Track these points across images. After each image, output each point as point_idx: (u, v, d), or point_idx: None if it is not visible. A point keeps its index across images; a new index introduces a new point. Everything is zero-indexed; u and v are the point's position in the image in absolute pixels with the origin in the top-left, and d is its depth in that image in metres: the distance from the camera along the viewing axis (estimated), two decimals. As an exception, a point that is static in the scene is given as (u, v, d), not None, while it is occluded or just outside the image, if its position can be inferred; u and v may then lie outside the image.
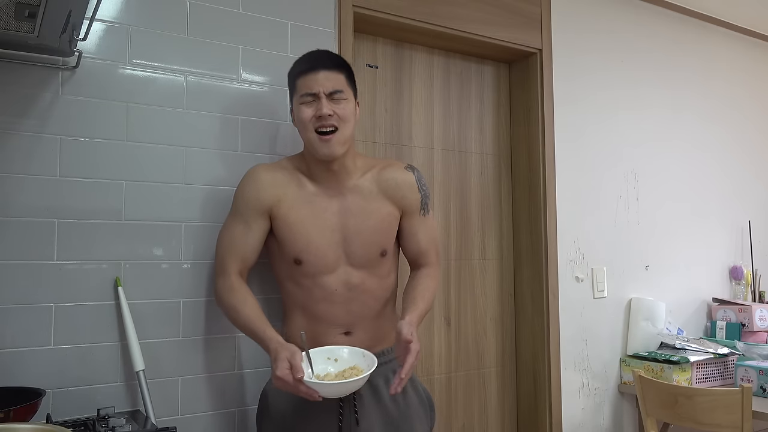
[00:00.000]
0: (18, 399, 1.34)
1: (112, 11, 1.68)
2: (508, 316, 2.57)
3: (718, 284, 3.08)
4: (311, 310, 1.64)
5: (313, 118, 1.58)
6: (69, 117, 1.61)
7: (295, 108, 1.62)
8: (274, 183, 1.63)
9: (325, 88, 1.58)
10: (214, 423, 1.76)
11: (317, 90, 1.58)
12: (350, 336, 1.63)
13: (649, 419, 2.27)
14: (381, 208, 1.67)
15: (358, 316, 1.64)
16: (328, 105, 1.57)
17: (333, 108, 1.58)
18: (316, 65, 1.60)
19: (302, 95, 1.60)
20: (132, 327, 1.61)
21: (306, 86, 1.59)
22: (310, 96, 1.58)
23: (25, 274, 1.54)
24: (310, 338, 1.59)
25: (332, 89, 1.59)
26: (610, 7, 2.78)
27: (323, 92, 1.58)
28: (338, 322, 1.63)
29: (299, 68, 1.63)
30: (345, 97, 1.61)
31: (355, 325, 1.64)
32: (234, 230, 1.62)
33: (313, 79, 1.58)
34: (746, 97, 3.29)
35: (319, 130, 1.58)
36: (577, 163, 2.60)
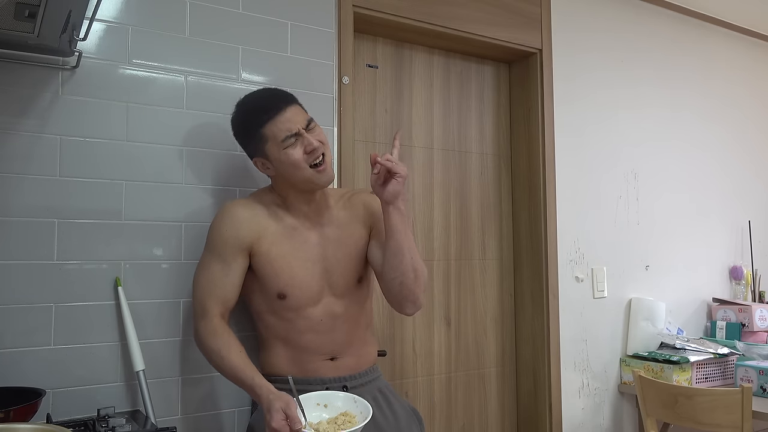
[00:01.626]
0: (18, 399, 1.34)
1: (112, 11, 1.68)
2: (508, 316, 2.57)
3: (718, 284, 3.08)
4: (294, 342, 1.62)
5: (304, 156, 1.54)
6: (69, 117, 1.61)
7: (275, 155, 1.56)
8: (254, 219, 1.60)
9: (301, 122, 1.56)
10: (214, 423, 1.76)
11: (297, 128, 1.54)
12: (335, 361, 1.64)
13: (649, 419, 2.27)
14: (354, 233, 1.68)
15: (341, 344, 1.64)
16: (311, 137, 1.55)
17: (315, 136, 1.57)
18: (279, 105, 1.56)
19: (284, 139, 1.54)
20: (132, 327, 1.61)
21: (283, 129, 1.54)
22: (292, 137, 1.54)
23: (25, 274, 1.54)
24: (296, 366, 1.61)
25: (306, 120, 1.57)
26: (610, 7, 2.78)
27: (301, 127, 1.55)
28: (323, 350, 1.63)
29: (261, 117, 1.55)
30: (314, 124, 1.60)
31: (340, 352, 1.65)
32: (212, 270, 1.57)
33: (286, 120, 1.54)
34: (746, 97, 3.29)
35: (312, 164, 1.56)
36: (577, 163, 2.60)
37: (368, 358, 1.72)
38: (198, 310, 1.57)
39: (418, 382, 2.30)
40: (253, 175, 1.85)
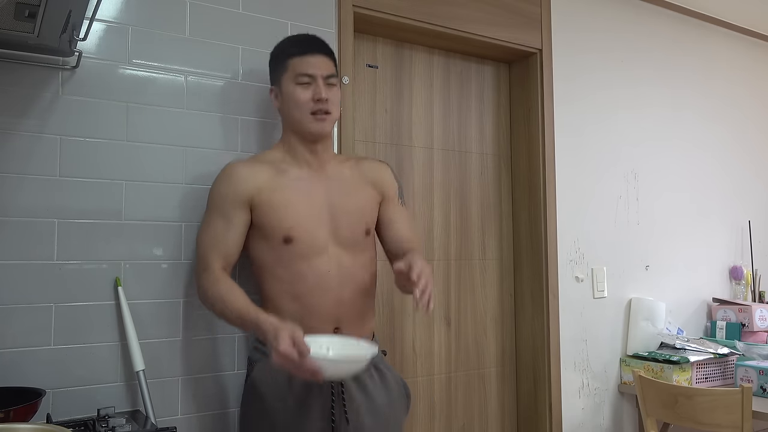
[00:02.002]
0: (18, 399, 1.34)
1: (112, 11, 1.68)
2: (508, 316, 2.57)
3: (718, 284, 3.08)
4: (301, 301, 1.58)
5: (310, 101, 1.59)
6: (69, 117, 1.61)
7: (287, 87, 1.62)
8: (252, 175, 1.60)
9: (322, 71, 1.61)
10: (214, 423, 1.76)
11: (315, 72, 1.59)
12: (338, 333, 1.61)
13: (649, 419, 2.27)
14: (363, 188, 1.71)
15: (347, 307, 1.61)
16: (325, 89, 1.60)
17: (328, 93, 1.61)
18: (312, 48, 1.62)
19: (299, 75, 1.60)
20: (132, 327, 1.61)
21: (303, 67, 1.60)
22: (307, 77, 1.60)
23: (25, 274, 1.54)
24: None
25: (328, 73, 1.62)
26: (610, 7, 2.78)
27: (321, 75, 1.60)
28: (329, 313, 1.59)
29: (293, 49, 1.64)
30: (335, 82, 1.64)
31: (344, 320, 1.61)
32: (214, 226, 1.58)
33: (310, 62, 1.60)
34: (746, 97, 3.29)
35: (314, 113, 1.60)
36: (577, 163, 2.60)
37: (369, 328, 1.70)
38: (200, 265, 1.58)
39: (418, 382, 2.30)
40: (253, 175, 1.85)
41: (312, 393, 1.55)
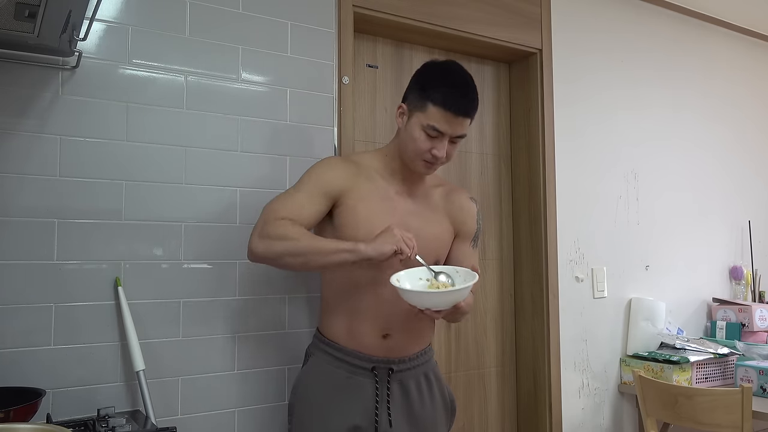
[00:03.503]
0: (18, 399, 1.34)
1: (112, 11, 1.68)
2: (508, 316, 2.57)
3: (718, 284, 3.08)
4: (356, 306, 1.62)
5: (428, 152, 1.58)
6: (69, 117, 1.61)
7: (414, 124, 1.58)
8: (349, 172, 1.63)
9: (454, 132, 1.57)
10: (214, 423, 1.76)
11: (447, 133, 1.56)
12: (388, 339, 1.62)
13: (649, 419, 2.27)
14: (443, 221, 1.71)
15: (401, 317, 1.60)
16: (448, 147, 1.58)
17: (449, 149, 1.59)
18: (461, 108, 1.56)
19: (430, 126, 1.56)
20: (132, 327, 1.61)
21: (439, 122, 1.55)
22: (436, 132, 1.56)
23: (25, 274, 1.54)
24: (351, 337, 1.62)
25: (460, 134, 1.59)
26: (610, 7, 2.78)
27: (451, 135, 1.57)
28: (381, 320, 1.61)
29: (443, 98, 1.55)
30: (460, 140, 1.62)
31: (394, 328, 1.62)
32: (296, 198, 1.57)
33: (453, 122, 1.55)
34: (746, 97, 3.29)
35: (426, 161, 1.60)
36: (577, 163, 2.60)
37: (420, 338, 1.70)
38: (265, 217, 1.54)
39: (418, 382, 2.30)
40: (253, 176, 1.85)
41: (358, 391, 1.60)
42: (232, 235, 1.79)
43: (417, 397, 1.66)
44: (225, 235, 1.79)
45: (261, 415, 1.82)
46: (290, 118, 1.93)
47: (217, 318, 1.77)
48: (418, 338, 1.69)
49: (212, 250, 1.77)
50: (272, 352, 1.85)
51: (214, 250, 1.77)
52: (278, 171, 1.89)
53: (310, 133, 1.95)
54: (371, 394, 1.60)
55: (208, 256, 1.77)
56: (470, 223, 1.75)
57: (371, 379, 1.61)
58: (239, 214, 1.82)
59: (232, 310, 1.80)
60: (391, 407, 1.61)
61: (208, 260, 1.77)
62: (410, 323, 1.63)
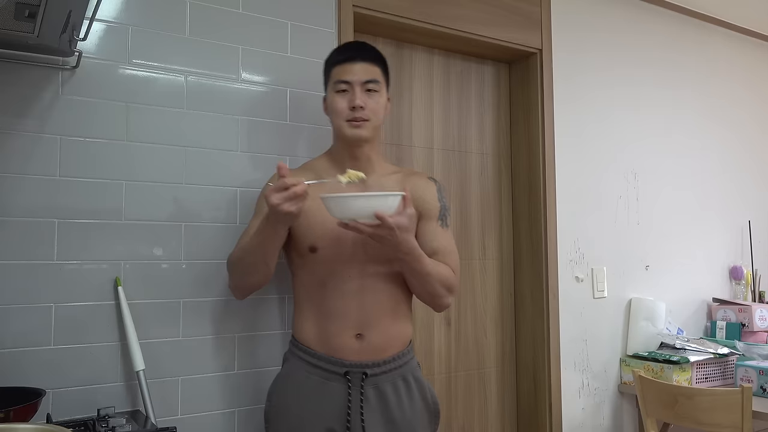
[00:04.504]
0: (18, 399, 1.33)
1: (112, 11, 1.68)
2: (508, 316, 2.57)
3: (718, 284, 3.08)
4: (323, 305, 1.59)
5: (346, 108, 1.60)
6: (69, 117, 1.61)
7: (329, 96, 1.64)
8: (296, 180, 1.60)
9: (360, 77, 1.60)
10: (214, 423, 1.76)
11: (352, 79, 1.60)
12: (361, 340, 1.58)
13: (649, 419, 2.27)
14: None
15: (371, 314, 1.58)
16: (361, 96, 1.59)
17: (366, 100, 1.60)
18: (354, 55, 1.63)
19: (336, 82, 1.61)
20: (132, 327, 1.61)
21: (340, 74, 1.61)
22: (344, 84, 1.60)
23: (25, 274, 1.54)
24: (323, 341, 1.59)
25: (366, 79, 1.61)
26: (610, 7, 2.78)
27: (357, 82, 1.60)
28: (351, 319, 1.57)
29: (337, 57, 1.65)
30: (378, 89, 1.63)
31: (368, 326, 1.58)
32: (249, 224, 1.63)
33: (349, 69, 1.61)
34: (746, 97, 3.29)
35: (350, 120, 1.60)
36: (577, 162, 2.60)
37: (397, 339, 1.64)
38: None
39: (418, 382, 2.30)
40: (253, 176, 1.85)
41: (330, 395, 1.57)
42: (232, 235, 1.79)
43: (395, 401, 1.60)
44: (225, 235, 1.79)
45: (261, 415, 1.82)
46: (290, 118, 1.93)
47: (217, 318, 1.77)
48: (394, 338, 1.63)
49: (212, 250, 1.77)
50: (272, 352, 1.85)
51: (214, 250, 1.77)
52: (278, 171, 1.89)
53: (310, 133, 1.95)
54: (345, 400, 1.56)
55: (208, 256, 1.77)
56: (431, 201, 1.69)
57: (344, 385, 1.57)
58: (239, 214, 1.82)
59: (232, 310, 1.80)
60: (365, 413, 1.56)
61: (208, 260, 1.77)
62: (385, 321, 1.60)
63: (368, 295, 1.59)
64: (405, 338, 1.66)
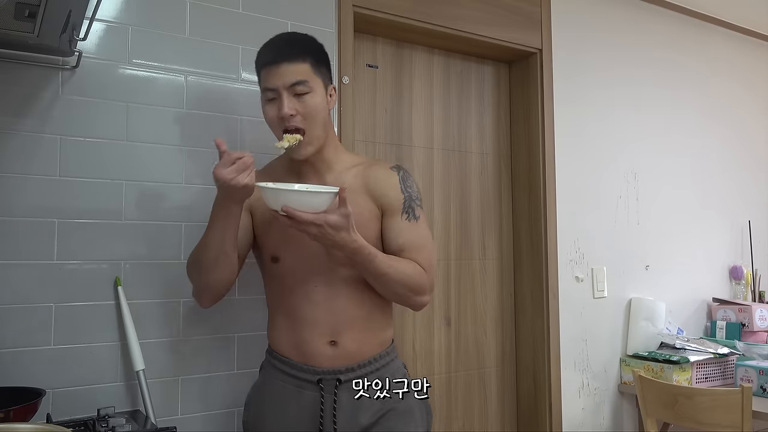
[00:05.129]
0: (18, 399, 1.33)
1: (112, 11, 1.68)
2: (508, 316, 2.57)
3: (718, 284, 3.08)
4: (294, 314, 1.53)
5: (276, 119, 1.47)
6: (69, 117, 1.61)
7: (262, 103, 1.51)
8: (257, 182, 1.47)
9: (285, 81, 1.45)
10: (214, 423, 1.76)
11: (276, 84, 1.45)
12: (335, 346, 1.50)
13: (649, 419, 2.27)
14: (361, 203, 1.51)
15: (343, 320, 1.50)
16: (290, 102, 1.45)
17: (295, 105, 1.45)
18: (276, 57, 1.46)
19: (264, 90, 1.49)
20: (132, 327, 1.61)
21: (266, 80, 1.47)
22: (271, 92, 1.47)
23: (25, 274, 1.54)
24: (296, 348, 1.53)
25: (292, 81, 1.45)
26: (610, 7, 2.78)
27: (283, 87, 1.45)
28: (322, 325, 1.50)
29: (260, 60, 1.50)
30: (308, 89, 1.46)
31: (341, 333, 1.50)
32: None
33: (273, 73, 1.45)
34: (746, 97, 3.29)
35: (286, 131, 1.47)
36: (577, 162, 2.60)
37: (374, 343, 1.54)
38: None
39: (418, 382, 2.30)
40: (253, 175, 1.84)
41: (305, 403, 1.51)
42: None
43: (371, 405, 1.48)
44: (225, 235, 1.79)
45: (261, 415, 1.82)
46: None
47: (217, 318, 1.77)
48: (371, 340, 1.54)
49: (212, 250, 1.77)
50: (272, 352, 1.85)
51: (214, 250, 1.77)
52: (278, 171, 1.89)
53: (310, 133, 1.95)
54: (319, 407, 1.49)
55: (208, 256, 1.77)
56: (392, 194, 1.53)
57: (318, 392, 1.49)
58: (239, 214, 1.81)
59: (232, 309, 1.80)
60: (338, 419, 1.47)
61: (208, 260, 1.77)
62: (359, 325, 1.51)
63: (339, 301, 1.51)
64: (383, 341, 1.57)
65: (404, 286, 1.50)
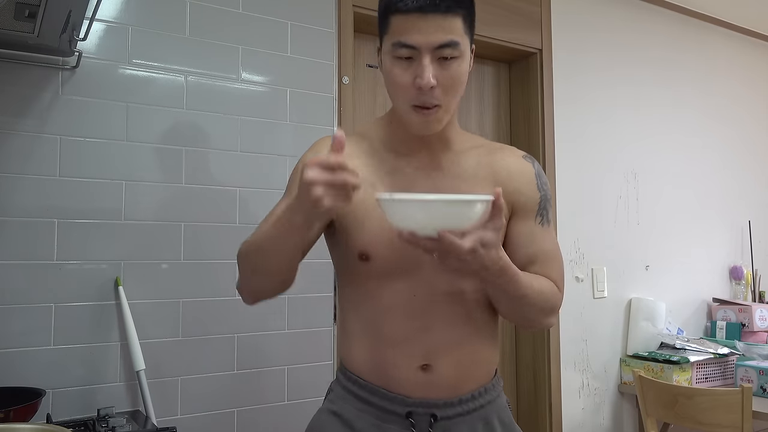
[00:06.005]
0: (18, 399, 1.34)
1: (112, 11, 1.68)
2: (508, 316, 2.56)
3: (718, 284, 3.08)
4: (381, 328, 1.18)
5: (410, 86, 1.10)
6: (69, 117, 1.62)
7: (385, 62, 1.13)
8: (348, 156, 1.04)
9: (432, 41, 1.08)
10: (214, 423, 1.76)
11: (419, 42, 1.08)
12: (429, 372, 1.17)
13: (649, 419, 2.27)
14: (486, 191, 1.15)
15: (442, 339, 1.18)
16: (432, 69, 1.09)
17: (440, 74, 1.10)
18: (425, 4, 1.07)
19: (395, 44, 1.09)
20: (132, 327, 1.61)
21: (403, 32, 1.08)
22: (406, 48, 1.08)
23: (25, 274, 1.55)
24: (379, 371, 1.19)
25: (442, 42, 1.08)
26: (610, 7, 2.78)
27: (428, 47, 1.08)
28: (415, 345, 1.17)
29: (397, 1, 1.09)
30: (458, 53, 1.11)
31: (438, 355, 1.17)
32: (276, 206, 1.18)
33: (418, 26, 1.08)
34: (746, 97, 3.29)
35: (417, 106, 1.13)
36: (577, 163, 2.60)
37: (478, 371, 1.22)
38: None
39: (418, 382, 2.30)
40: (253, 176, 1.85)
41: None
42: (232, 235, 1.79)
43: None
44: (225, 235, 1.79)
45: (261, 415, 1.82)
46: (290, 118, 1.93)
47: (217, 318, 1.77)
48: (473, 370, 1.21)
49: (212, 250, 1.77)
50: (272, 352, 1.85)
51: (213, 250, 1.77)
52: (278, 171, 1.89)
53: (310, 133, 1.95)
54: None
55: (208, 256, 1.77)
56: (528, 192, 1.23)
57: (407, 430, 1.16)
58: (239, 214, 1.82)
59: (232, 310, 1.80)
60: None
61: (208, 260, 1.77)
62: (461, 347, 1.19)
63: (438, 315, 1.18)
64: (489, 370, 1.25)
65: (540, 309, 1.21)
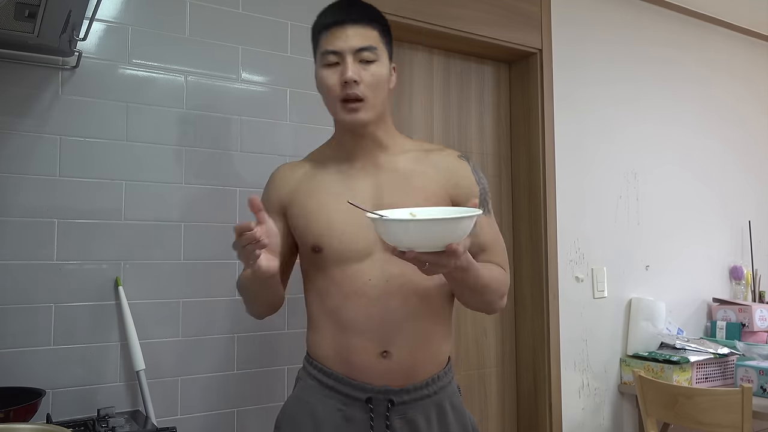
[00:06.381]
0: (18, 399, 1.34)
1: (112, 11, 1.68)
2: (508, 316, 2.57)
3: (718, 284, 3.08)
4: (341, 316, 1.31)
5: (336, 86, 1.30)
6: (69, 117, 1.61)
7: (318, 70, 1.35)
8: (291, 176, 1.41)
9: (352, 44, 1.29)
10: (214, 423, 1.76)
11: (342, 47, 1.29)
12: (388, 358, 1.29)
13: (649, 419, 2.27)
14: (427, 186, 1.34)
15: (399, 326, 1.29)
16: (354, 68, 1.29)
17: (360, 73, 1.29)
18: (343, 18, 1.31)
19: (324, 53, 1.32)
20: (132, 327, 1.61)
21: (329, 42, 1.31)
22: (332, 54, 1.30)
23: (25, 274, 1.54)
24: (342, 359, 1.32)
25: (361, 45, 1.30)
26: (610, 7, 2.78)
27: (349, 50, 1.29)
28: (374, 332, 1.28)
29: (323, 20, 1.34)
30: (375, 57, 1.31)
31: (395, 342, 1.28)
32: None
33: (339, 35, 1.30)
34: (746, 97, 3.29)
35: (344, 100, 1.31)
36: (577, 162, 2.60)
37: (432, 358, 1.34)
38: None
39: (418, 382, 2.30)
40: (252, 176, 1.85)
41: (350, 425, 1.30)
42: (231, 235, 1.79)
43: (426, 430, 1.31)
44: (225, 235, 1.79)
45: (261, 415, 1.82)
46: (290, 118, 1.93)
47: (217, 318, 1.77)
48: (429, 355, 1.33)
49: (212, 250, 1.77)
50: (272, 352, 1.85)
51: (214, 250, 1.77)
52: (278, 171, 1.89)
53: (310, 133, 1.95)
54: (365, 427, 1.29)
55: (208, 256, 1.77)
56: (467, 185, 1.37)
57: (367, 414, 1.29)
58: (239, 214, 1.82)
59: (232, 309, 1.80)
60: None
61: (208, 260, 1.77)
62: (417, 334, 1.30)
63: (395, 301, 1.29)
64: (442, 357, 1.37)
65: (497, 292, 1.34)
